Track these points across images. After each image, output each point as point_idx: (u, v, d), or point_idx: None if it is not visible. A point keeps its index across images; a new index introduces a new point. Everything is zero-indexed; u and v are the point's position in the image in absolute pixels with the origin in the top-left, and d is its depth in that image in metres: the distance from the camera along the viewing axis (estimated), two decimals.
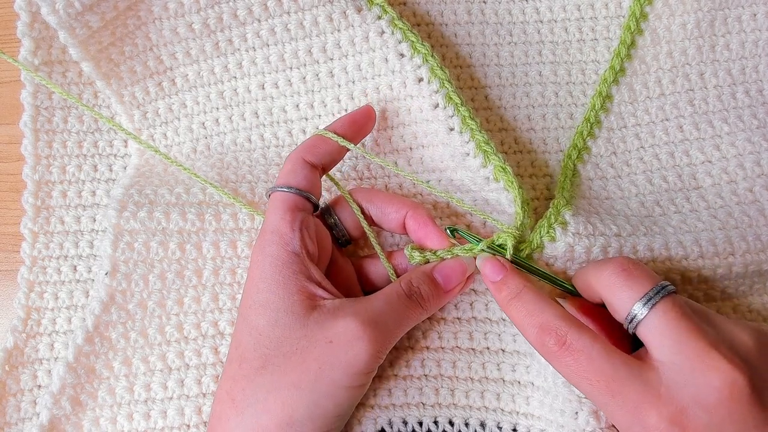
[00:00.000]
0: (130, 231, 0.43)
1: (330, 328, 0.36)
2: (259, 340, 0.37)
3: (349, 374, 0.36)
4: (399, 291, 0.39)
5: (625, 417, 0.33)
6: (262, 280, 0.38)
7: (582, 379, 0.34)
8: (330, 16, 0.45)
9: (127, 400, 0.43)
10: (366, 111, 0.45)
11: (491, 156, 0.43)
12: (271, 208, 0.40)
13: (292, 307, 0.37)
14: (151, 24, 0.45)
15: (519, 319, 0.37)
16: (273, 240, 0.38)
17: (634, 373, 0.33)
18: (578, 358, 0.34)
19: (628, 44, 0.47)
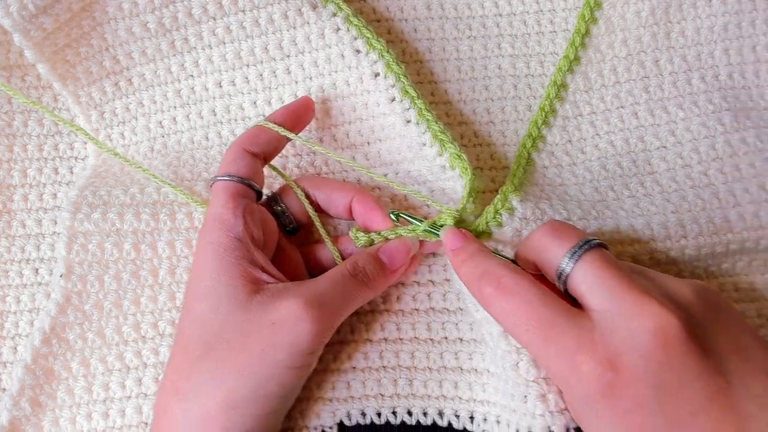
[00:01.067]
0: (84, 233, 0.42)
1: (273, 311, 0.36)
2: (201, 328, 0.36)
3: (292, 354, 0.36)
4: (344, 271, 0.39)
5: (561, 365, 0.32)
6: (204, 267, 0.37)
7: (518, 325, 0.33)
8: (285, 13, 0.45)
9: (86, 400, 0.42)
10: (304, 101, 0.44)
11: (447, 144, 0.42)
12: (213, 197, 0.40)
13: (235, 293, 0.36)
14: (106, 24, 0.44)
15: (466, 275, 0.37)
16: (215, 227, 0.38)
17: (570, 319, 0.32)
18: (514, 301, 0.33)
19: (583, 33, 0.47)
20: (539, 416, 0.36)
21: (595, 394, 0.31)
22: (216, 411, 0.35)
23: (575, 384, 0.32)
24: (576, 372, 0.31)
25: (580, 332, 0.32)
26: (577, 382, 0.31)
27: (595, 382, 0.31)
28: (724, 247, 0.42)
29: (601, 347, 0.31)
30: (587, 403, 0.31)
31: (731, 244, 0.42)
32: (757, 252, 0.43)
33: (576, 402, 0.32)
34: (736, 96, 0.47)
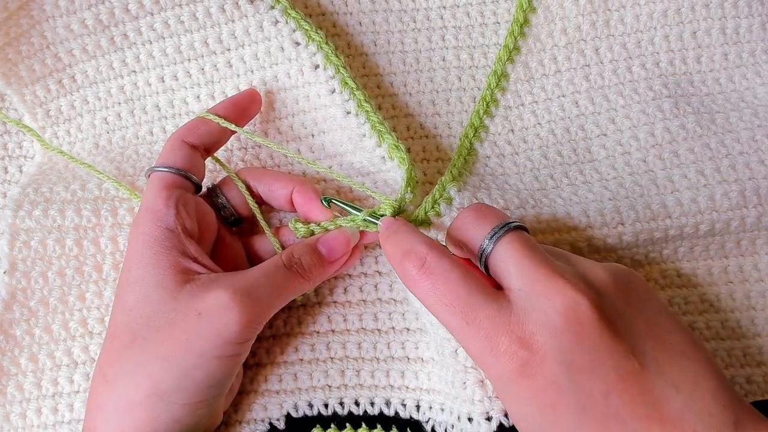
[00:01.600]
0: (26, 229, 0.42)
1: (200, 300, 0.35)
2: (129, 317, 0.36)
3: (218, 345, 0.35)
4: (278, 262, 0.38)
5: (479, 345, 0.32)
6: (134, 257, 0.37)
7: (439, 304, 0.33)
8: (222, 6, 0.44)
9: (35, 395, 0.42)
10: (249, 94, 0.44)
11: (385, 135, 0.42)
12: (148, 187, 0.39)
13: (163, 282, 0.36)
14: (44, 22, 0.44)
15: (390, 252, 0.36)
16: (146, 217, 0.38)
17: (489, 299, 0.32)
18: (436, 281, 0.33)
19: (521, 22, 0.46)
20: (478, 402, 0.37)
21: (511, 372, 0.31)
22: (142, 398, 0.35)
23: (493, 364, 0.32)
24: (493, 351, 0.31)
25: (497, 312, 0.32)
26: (494, 362, 0.31)
27: (510, 361, 0.31)
28: (663, 233, 0.42)
29: (516, 327, 0.31)
30: (505, 382, 0.32)
31: (670, 230, 0.42)
32: (698, 238, 0.43)
33: (495, 381, 0.33)
34: (677, 82, 0.47)
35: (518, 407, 0.32)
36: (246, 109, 0.44)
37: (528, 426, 0.32)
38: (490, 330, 0.32)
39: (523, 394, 0.31)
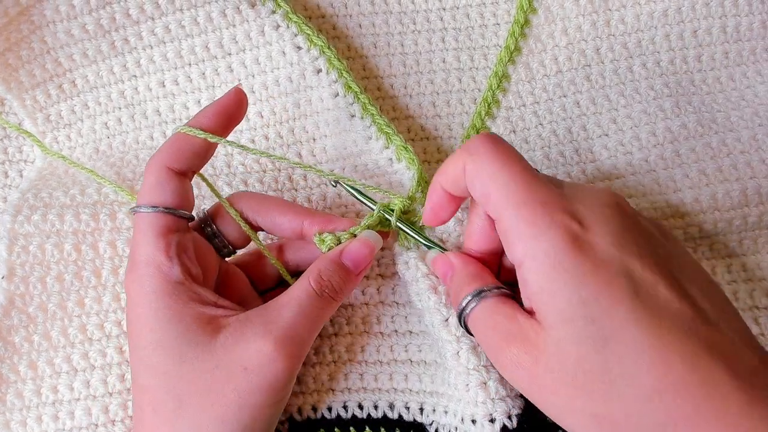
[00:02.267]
0: (24, 234, 0.41)
1: (242, 353, 0.33)
2: (167, 381, 0.34)
3: (270, 394, 0.34)
4: (309, 290, 0.35)
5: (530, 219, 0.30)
6: (152, 318, 0.34)
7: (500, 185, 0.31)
8: (223, 11, 0.44)
9: (35, 402, 0.41)
10: (234, 95, 0.37)
11: (393, 136, 0.42)
12: (139, 233, 0.35)
13: (195, 339, 0.33)
14: (45, 27, 0.43)
15: None
16: (149, 273, 0.34)
17: (543, 180, 0.31)
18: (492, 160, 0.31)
19: (522, 23, 0.46)
20: (481, 404, 0.36)
21: (564, 245, 0.29)
22: None
23: (542, 239, 0.29)
24: (545, 222, 0.29)
25: (550, 190, 0.31)
26: (544, 235, 0.29)
27: (564, 232, 0.29)
28: None
29: (568, 204, 0.30)
30: (554, 263, 0.29)
31: (673, 230, 0.41)
32: (701, 237, 0.42)
33: (543, 258, 0.29)
34: (678, 81, 0.46)
35: (567, 291, 0.28)
36: (233, 115, 0.38)
37: (578, 313, 0.28)
38: (542, 202, 0.30)
39: (578, 269, 0.28)
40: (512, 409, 0.35)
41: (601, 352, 0.28)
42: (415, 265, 0.39)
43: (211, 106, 0.37)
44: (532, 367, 0.30)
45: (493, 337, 0.31)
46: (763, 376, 0.27)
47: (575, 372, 0.28)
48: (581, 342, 0.28)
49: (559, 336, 0.29)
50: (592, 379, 0.28)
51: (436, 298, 0.38)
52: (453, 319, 0.37)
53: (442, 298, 0.38)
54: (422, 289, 0.38)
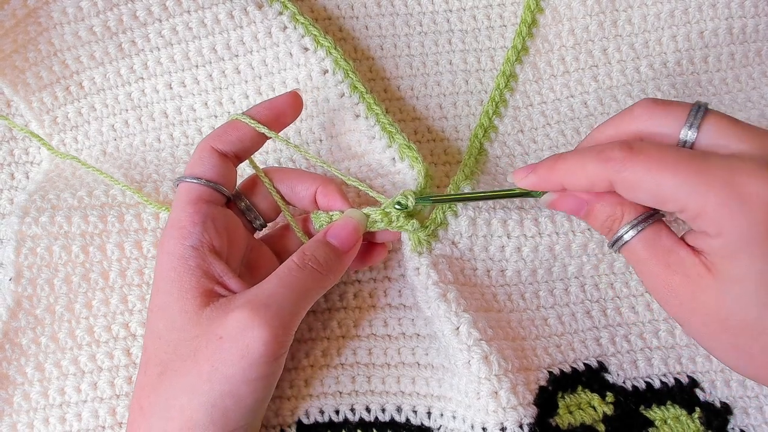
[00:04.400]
0: (32, 236, 0.40)
1: (220, 324, 0.33)
2: (158, 345, 0.34)
3: (244, 368, 0.32)
4: (291, 265, 0.35)
5: (718, 193, 0.28)
6: (160, 279, 0.35)
7: (663, 176, 0.29)
8: (230, 13, 0.43)
9: (42, 404, 0.40)
10: (291, 97, 0.39)
11: (396, 135, 0.41)
12: (175, 200, 0.36)
13: (185, 306, 0.33)
14: (52, 29, 0.42)
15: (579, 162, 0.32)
16: (172, 234, 0.35)
17: (716, 155, 0.29)
18: (648, 159, 0.29)
19: (529, 23, 0.45)
20: (492, 412, 0.35)
21: (762, 215, 0.27)
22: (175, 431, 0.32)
23: (737, 212, 0.28)
24: (738, 195, 0.28)
25: (731, 162, 0.28)
26: (739, 209, 0.28)
27: (763, 203, 0.27)
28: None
29: (760, 172, 0.28)
30: (752, 234, 0.28)
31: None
32: None
33: (735, 239, 0.28)
34: (684, 82, 0.45)
35: (759, 259, 0.28)
36: (283, 114, 0.39)
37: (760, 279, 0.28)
38: (729, 173, 0.28)
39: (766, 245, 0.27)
40: (524, 418, 0.34)
41: (763, 310, 0.29)
42: (426, 272, 0.38)
43: (265, 102, 0.39)
44: (688, 300, 0.30)
45: (654, 266, 0.31)
46: None
47: (738, 318, 0.29)
48: (748, 300, 0.29)
49: (731, 288, 0.29)
50: (745, 326, 0.29)
51: (446, 306, 0.36)
52: (463, 328, 0.36)
53: (452, 306, 0.36)
54: (432, 297, 0.37)
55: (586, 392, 0.37)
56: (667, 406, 0.38)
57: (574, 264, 0.40)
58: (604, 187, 0.32)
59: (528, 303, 0.40)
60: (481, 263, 0.40)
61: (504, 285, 0.40)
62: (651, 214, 0.32)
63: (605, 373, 0.38)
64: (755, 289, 0.29)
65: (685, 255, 0.31)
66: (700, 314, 0.30)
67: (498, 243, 0.39)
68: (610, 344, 0.39)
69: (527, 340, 0.38)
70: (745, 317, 0.29)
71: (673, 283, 0.31)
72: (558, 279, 0.40)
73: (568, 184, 0.33)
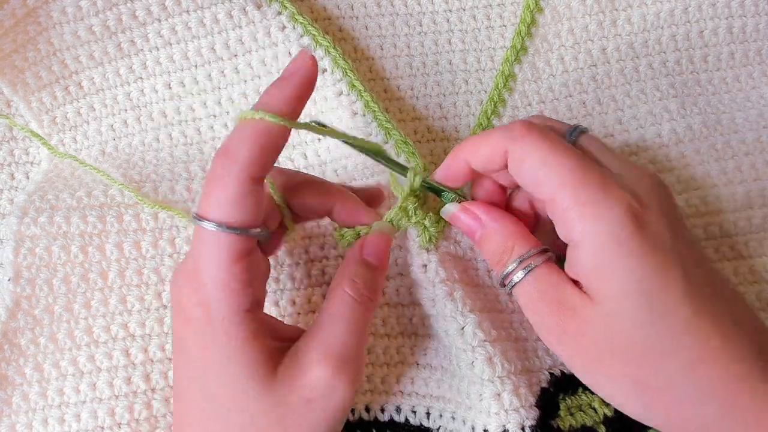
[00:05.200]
0: (31, 236, 0.39)
1: (303, 387, 0.31)
2: (228, 420, 0.31)
3: (335, 421, 0.32)
4: (348, 301, 0.32)
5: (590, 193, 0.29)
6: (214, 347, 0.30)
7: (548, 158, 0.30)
8: (230, 13, 0.42)
9: (41, 405, 0.39)
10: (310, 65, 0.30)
11: (392, 131, 0.41)
12: (209, 252, 0.29)
13: (256, 374, 0.30)
14: (52, 29, 0.42)
15: None
16: (219, 298, 0.30)
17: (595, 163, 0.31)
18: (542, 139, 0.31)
19: (528, 22, 0.44)
20: (494, 414, 0.34)
21: (627, 223, 0.29)
22: None
23: (605, 218, 0.29)
24: (608, 202, 0.29)
25: (604, 171, 0.31)
26: (607, 213, 0.29)
27: (626, 211, 0.29)
28: None
29: (624, 184, 0.30)
30: (617, 240, 0.29)
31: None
32: (706, 239, 0.41)
33: (605, 235, 0.29)
34: (684, 82, 0.45)
35: (625, 271, 0.29)
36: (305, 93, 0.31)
37: (635, 288, 0.29)
38: (602, 181, 0.30)
39: (639, 247, 0.29)
40: (526, 420, 0.34)
41: (653, 325, 0.29)
42: (434, 269, 0.37)
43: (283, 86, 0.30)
44: (578, 336, 0.30)
45: (541, 306, 0.31)
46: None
47: (624, 343, 0.29)
48: (635, 316, 0.29)
49: (612, 309, 0.29)
50: (641, 350, 0.29)
51: (452, 305, 0.36)
52: (468, 328, 0.35)
53: (458, 306, 0.36)
54: (438, 296, 0.36)
55: (586, 394, 0.37)
56: None
57: None
58: (500, 160, 0.32)
59: None
60: (482, 263, 0.39)
61: None
62: (541, 251, 0.32)
63: None
64: (632, 305, 0.29)
65: (570, 289, 0.31)
66: (591, 349, 0.30)
67: None
68: None
69: (528, 342, 0.38)
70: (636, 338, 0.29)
71: (562, 322, 0.31)
72: None
73: (472, 158, 0.33)
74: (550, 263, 0.32)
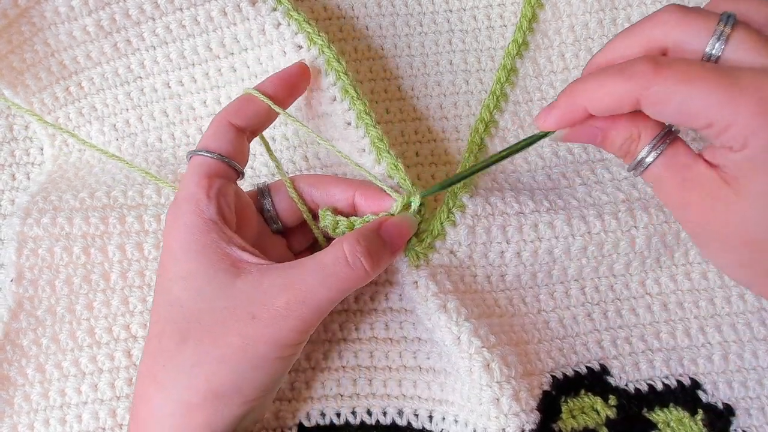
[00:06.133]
0: (33, 237, 0.39)
1: (254, 302, 0.32)
2: (179, 313, 0.33)
3: (275, 348, 0.32)
4: (339, 259, 0.33)
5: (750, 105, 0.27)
6: (180, 250, 0.33)
7: (693, 89, 0.28)
8: (223, 10, 0.41)
9: (43, 405, 0.39)
10: (299, 68, 0.38)
11: (383, 153, 0.38)
12: (188, 172, 0.35)
13: (216, 276, 0.32)
14: (47, 30, 0.41)
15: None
16: (188, 209, 0.34)
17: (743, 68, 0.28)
18: (676, 73, 0.28)
19: (530, 18, 0.43)
20: (494, 418, 0.34)
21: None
22: (199, 401, 0.32)
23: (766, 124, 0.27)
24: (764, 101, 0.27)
25: (761, 76, 0.28)
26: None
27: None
28: (674, 236, 0.39)
29: None
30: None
31: (681, 233, 0.39)
32: None
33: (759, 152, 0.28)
34: None
35: None
36: (295, 87, 0.38)
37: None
38: (758, 89, 0.27)
39: None
40: (526, 424, 0.34)
41: None
42: (425, 284, 0.37)
43: (275, 75, 0.38)
44: (707, 214, 0.30)
45: (670, 183, 0.31)
46: None
47: (753, 232, 0.29)
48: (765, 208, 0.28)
49: (752, 203, 0.29)
50: (765, 238, 0.29)
51: (446, 316, 0.36)
52: (464, 337, 0.35)
53: (452, 316, 0.36)
54: (431, 309, 0.36)
55: (588, 396, 0.37)
56: (670, 409, 0.37)
57: (573, 266, 0.39)
58: (631, 106, 0.30)
59: (529, 307, 0.39)
60: (480, 270, 0.39)
61: (504, 290, 0.39)
62: (668, 131, 0.31)
63: (607, 375, 0.38)
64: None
65: (704, 169, 0.30)
66: (718, 228, 0.30)
67: (497, 249, 0.38)
68: (612, 347, 0.39)
69: (530, 344, 0.37)
70: (765, 231, 0.29)
71: (690, 199, 0.30)
72: (558, 282, 0.39)
73: (594, 108, 0.31)
74: (678, 142, 0.31)
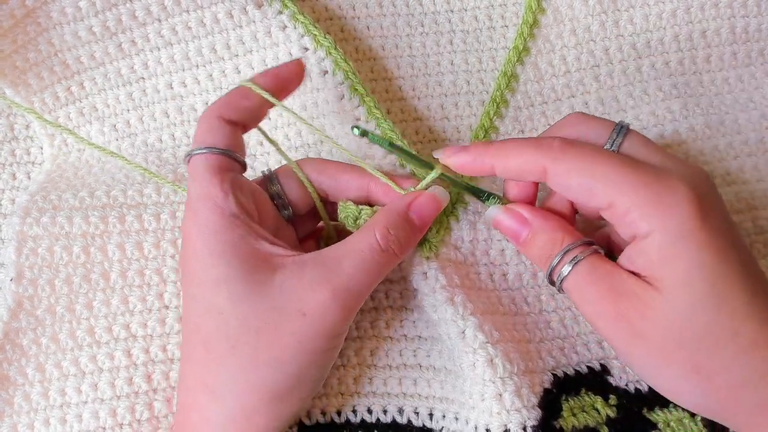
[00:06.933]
0: (33, 237, 0.39)
1: (300, 298, 0.31)
2: (221, 319, 0.32)
3: (327, 341, 0.32)
4: (374, 246, 0.33)
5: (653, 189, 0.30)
6: (207, 253, 0.32)
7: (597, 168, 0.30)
8: (230, 12, 0.41)
9: (43, 405, 0.39)
10: (294, 65, 0.37)
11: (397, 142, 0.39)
12: (193, 174, 0.33)
13: (252, 277, 0.31)
14: (52, 30, 0.41)
15: None
16: (205, 208, 0.32)
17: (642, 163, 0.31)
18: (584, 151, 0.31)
19: (531, 23, 0.43)
20: (496, 414, 0.34)
21: (692, 215, 0.29)
22: (258, 405, 0.32)
23: (667, 206, 0.29)
24: (669, 192, 0.29)
25: (657, 170, 0.31)
26: (669, 204, 0.29)
27: (689, 203, 0.29)
28: None
29: (681, 178, 0.30)
30: (682, 232, 0.29)
31: None
32: None
33: (670, 238, 0.29)
34: (686, 82, 0.44)
35: (698, 253, 0.29)
36: (288, 82, 0.37)
37: (699, 276, 0.29)
38: (659, 176, 0.30)
39: (703, 238, 0.29)
40: (527, 420, 0.33)
41: (715, 310, 0.29)
42: (434, 276, 0.37)
43: (268, 70, 0.37)
44: (637, 321, 0.30)
45: (595, 293, 0.31)
46: None
47: (686, 329, 0.29)
48: (698, 302, 0.29)
49: (676, 297, 0.29)
50: (702, 334, 0.29)
51: (453, 309, 0.36)
52: (469, 331, 0.35)
53: (459, 310, 0.36)
54: (439, 301, 0.36)
55: (589, 395, 0.37)
56: (670, 409, 0.37)
57: None
58: (536, 175, 0.32)
59: (531, 307, 0.39)
60: (483, 267, 0.39)
61: (507, 289, 0.39)
62: (586, 243, 0.32)
63: (608, 375, 0.38)
64: (696, 291, 0.29)
65: (626, 276, 0.31)
66: (652, 336, 0.30)
67: (498, 246, 0.38)
68: None
69: (532, 343, 0.37)
70: (699, 323, 0.29)
71: (622, 308, 0.30)
72: None
73: (501, 167, 0.33)
74: (597, 254, 0.32)
